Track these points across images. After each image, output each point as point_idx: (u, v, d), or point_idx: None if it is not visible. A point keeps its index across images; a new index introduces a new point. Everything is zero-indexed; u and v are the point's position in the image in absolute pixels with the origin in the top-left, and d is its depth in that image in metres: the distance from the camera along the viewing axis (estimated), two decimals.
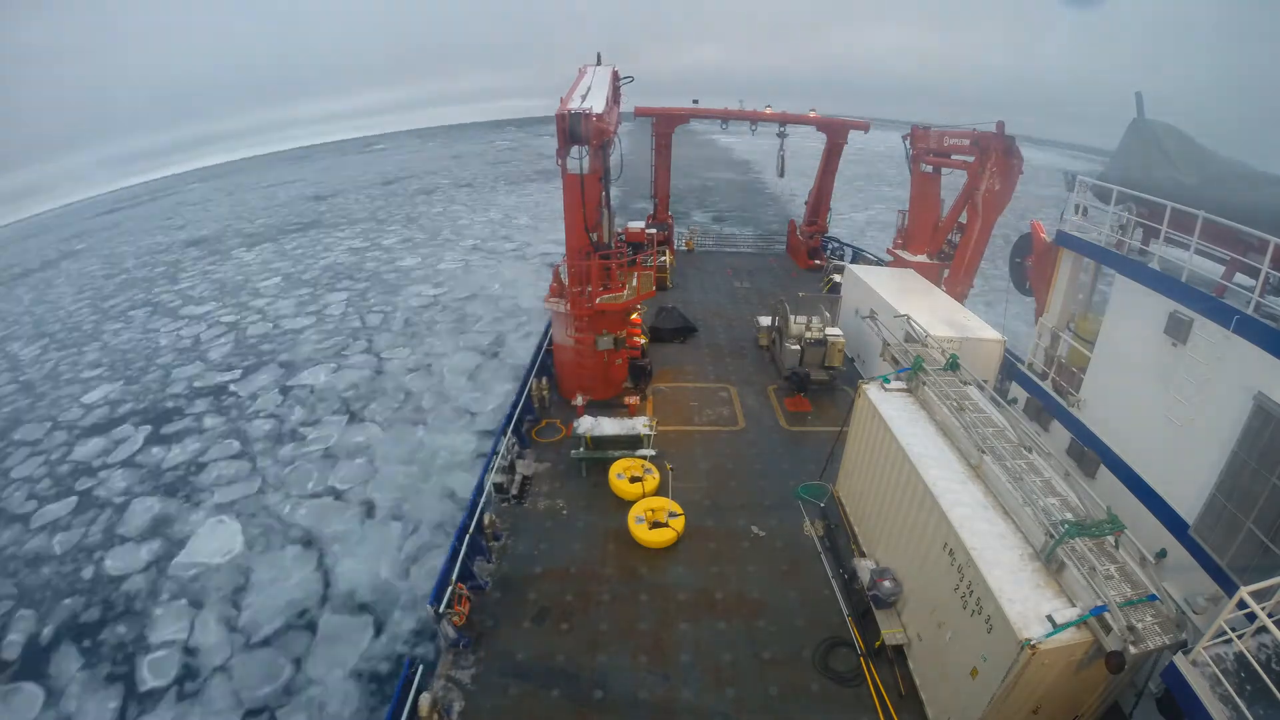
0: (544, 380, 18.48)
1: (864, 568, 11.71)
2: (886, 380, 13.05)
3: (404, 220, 66.63)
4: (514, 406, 16.69)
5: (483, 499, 13.11)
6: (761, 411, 18.81)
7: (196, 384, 32.03)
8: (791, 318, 20.11)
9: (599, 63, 20.44)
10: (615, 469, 15.00)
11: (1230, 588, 8.76)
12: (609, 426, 15.85)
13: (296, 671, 15.74)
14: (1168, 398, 10.68)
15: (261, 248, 59.34)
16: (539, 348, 20.49)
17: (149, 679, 15.78)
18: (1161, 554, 10.24)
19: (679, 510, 13.67)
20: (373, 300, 42.78)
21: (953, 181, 23.52)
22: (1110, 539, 8.26)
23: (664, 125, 30.83)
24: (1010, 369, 17.07)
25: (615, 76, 20.04)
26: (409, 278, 47.31)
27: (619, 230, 29.85)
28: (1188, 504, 10.12)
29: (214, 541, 20.37)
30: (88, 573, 19.48)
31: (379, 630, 16.78)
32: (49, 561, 20.10)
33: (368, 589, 18.11)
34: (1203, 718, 6.18)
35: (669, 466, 15.62)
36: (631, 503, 14.07)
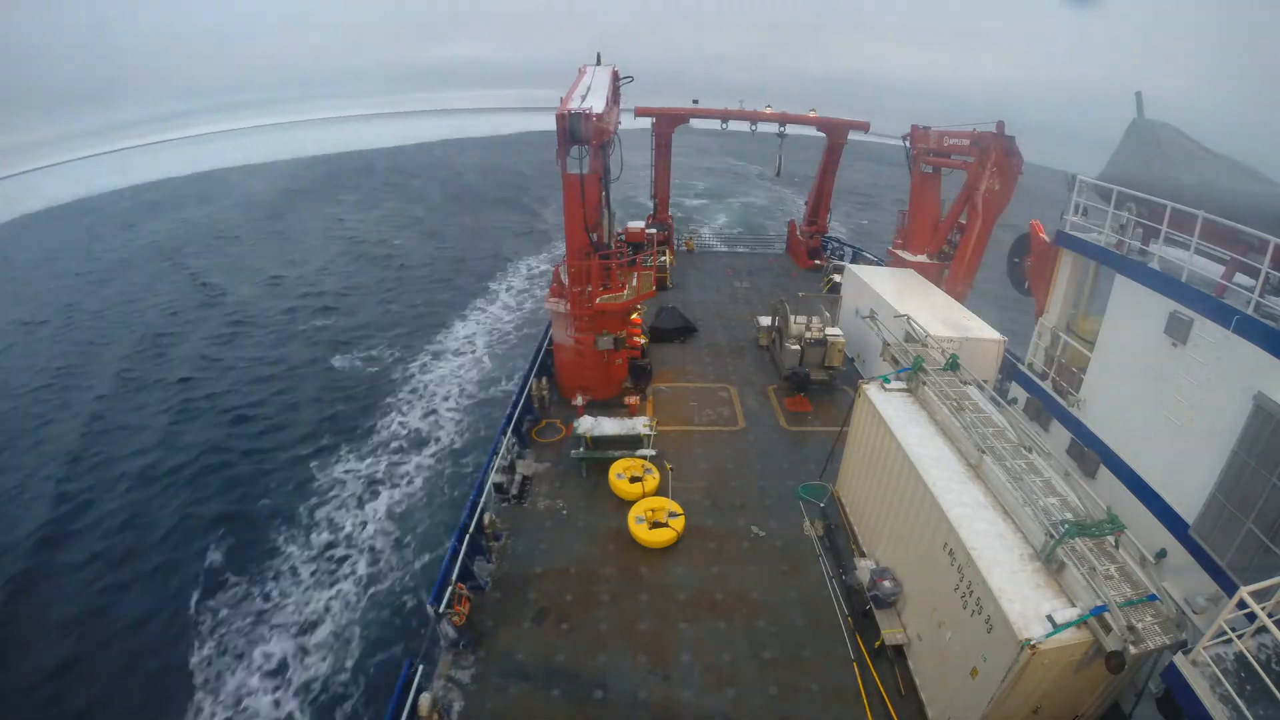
0: (544, 380, 18.47)
1: (864, 568, 11.71)
2: (886, 380, 13.05)
3: None
4: (514, 406, 16.68)
5: (483, 499, 13.10)
6: (761, 411, 18.80)
7: None
8: (791, 318, 20.10)
9: (599, 63, 20.44)
10: (615, 469, 14.99)
11: (1230, 588, 8.76)
12: (609, 426, 15.84)
13: None
14: (1168, 398, 10.68)
15: None
16: (539, 348, 20.49)
17: None
18: (1161, 554, 10.25)
19: (679, 510, 13.66)
20: None
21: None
22: (1110, 539, 8.26)
23: (664, 125, 30.84)
24: (1010, 369, 17.07)
25: (615, 76, 20.04)
26: None
27: (619, 230, 29.85)
28: (1188, 504, 10.12)
29: None
30: None
31: None
32: None
33: None
34: (1203, 718, 6.17)
35: (669, 466, 15.62)
36: (631, 503, 14.06)
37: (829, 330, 19.92)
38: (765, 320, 22.76)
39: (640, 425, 15.86)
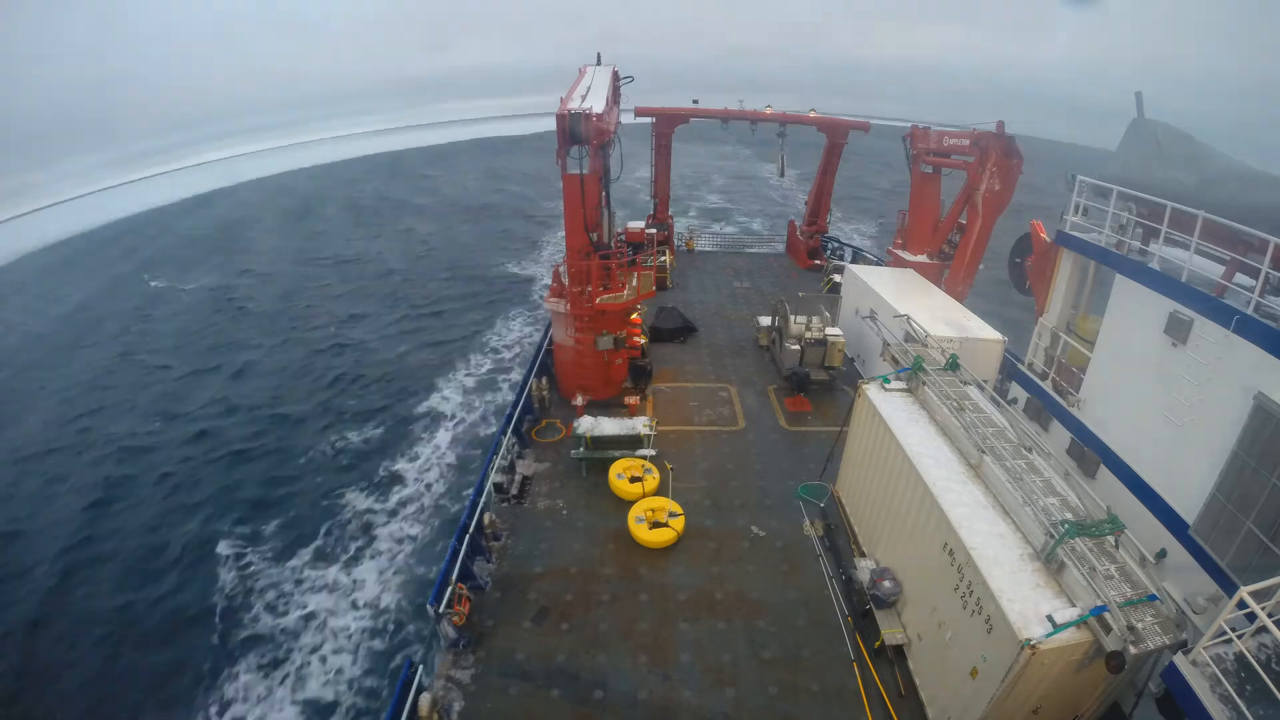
0: (544, 380, 18.47)
1: (864, 568, 11.71)
2: (886, 380, 13.05)
3: None
4: (514, 406, 16.67)
5: (483, 499, 13.10)
6: (761, 411, 18.80)
7: None
8: (791, 318, 20.10)
9: (599, 63, 20.44)
10: (615, 469, 14.98)
11: (1230, 588, 8.76)
12: (609, 426, 15.84)
13: None
14: (1168, 398, 10.67)
15: None
16: (539, 348, 20.49)
17: None
18: (1161, 554, 10.24)
19: (679, 510, 13.66)
20: None
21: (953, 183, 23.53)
22: (1110, 539, 8.26)
23: (664, 125, 30.86)
24: (1010, 369, 17.07)
25: (615, 76, 20.04)
26: None
27: (619, 230, 29.86)
28: (1188, 504, 10.12)
29: None
30: None
31: None
32: None
33: None
34: (1203, 718, 6.17)
35: (669, 466, 15.61)
36: (631, 503, 14.06)
37: (829, 330, 19.92)
38: (765, 320, 22.76)
39: (640, 425, 15.85)
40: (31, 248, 71.24)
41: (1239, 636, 6.51)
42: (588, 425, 15.73)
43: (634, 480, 14.69)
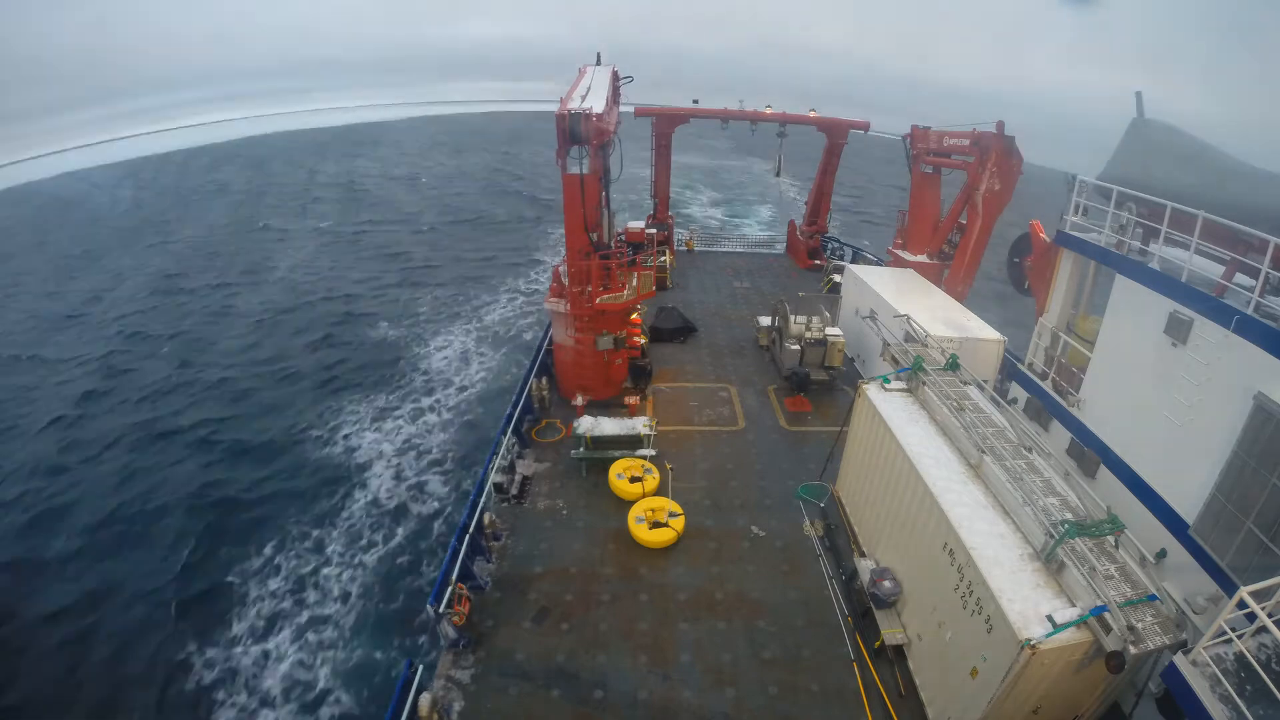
0: (544, 380, 18.48)
1: (864, 568, 11.71)
2: (886, 380, 13.05)
3: None
4: (514, 406, 16.67)
5: (483, 499, 13.10)
6: (761, 411, 18.81)
7: None
8: (791, 318, 20.11)
9: (599, 63, 20.44)
10: (615, 469, 14.98)
11: (1230, 588, 8.76)
12: (609, 426, 15.84)
13: None
14: (1168, 398, 10.68)
15: None
16: (539, 348, 20.50)
17: None
18: (1161, 554, 10.25)
19: (679, 510, 13.66)
20: None
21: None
22: (1110, 539, 8.26)
23: (664, 125, 30.87)
24: (1010, 369, 17.08)
25: (615, 76, 20.04)
26: None
27: (619, 230, 29.88)
28: (1188, 504, 10.12)
29: None
30: None
31: None
32: None
33: None
34: (1203, 718, 6.17)
35: (669, 466, 15.61)
36: (631, 503, 14.06)
37: (829, 330, 19.92)
38: (765, 320, 22.77)
39: (640, 425, 15.85)
40: None
41: (1239, 636, 6.52)
42: (588, 425, 15.73)
43: (634, 480, 14.69)
